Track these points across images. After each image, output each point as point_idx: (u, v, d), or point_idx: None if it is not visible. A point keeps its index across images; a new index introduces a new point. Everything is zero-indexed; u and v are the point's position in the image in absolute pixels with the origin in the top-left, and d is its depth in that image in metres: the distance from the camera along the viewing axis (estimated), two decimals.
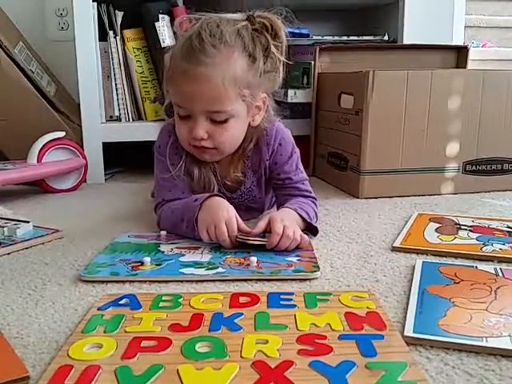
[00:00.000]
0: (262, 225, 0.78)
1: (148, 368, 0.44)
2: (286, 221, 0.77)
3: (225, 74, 0.77)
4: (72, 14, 1.32)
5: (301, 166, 0.94)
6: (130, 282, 0.66)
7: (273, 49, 0.82)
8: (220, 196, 0.83)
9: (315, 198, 0.92)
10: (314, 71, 1.39)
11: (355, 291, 0.62)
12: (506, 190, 1.21)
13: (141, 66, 1.42)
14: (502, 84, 1.19)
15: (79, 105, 1.36)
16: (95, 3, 1.32)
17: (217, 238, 0.77)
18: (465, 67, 1.42)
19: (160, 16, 1.38)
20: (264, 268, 0.69)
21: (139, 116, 1.45)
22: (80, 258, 0.76)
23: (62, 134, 1.28)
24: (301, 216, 0.83)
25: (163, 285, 0.66)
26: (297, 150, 0.93)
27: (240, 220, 0.79)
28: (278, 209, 0.94)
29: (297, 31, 1.52)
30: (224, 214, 0.77)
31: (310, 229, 0.85)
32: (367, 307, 0.57)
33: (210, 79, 0.77)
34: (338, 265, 0.73)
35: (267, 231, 0.78)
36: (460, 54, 1.45)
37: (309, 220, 0.84)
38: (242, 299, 0.59)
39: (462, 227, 0.89)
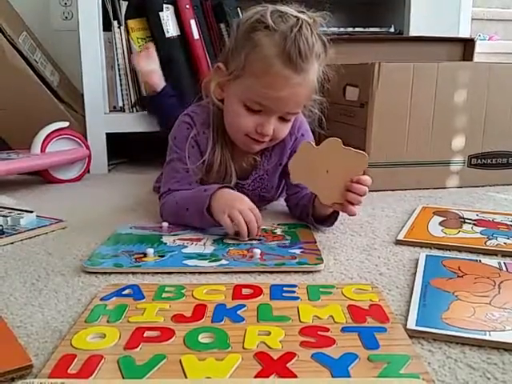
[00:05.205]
0: None
1: (151, 358, 0.44)
2: None
3: (314, 80, 0.81)
4: (76, 3, 1.32)
5: None
6: (133, 273, 0.66)
7: None
8: (230, 188, 0.83)
9: None
10: None
11: (358, 284, 0.62)
12: (511, 184, 1.20)
13: None
14: (509, 77, 1.18)
15: (83, 95, 1.36)
16: None
17: (241, 224, 0.75)
18: (471, 60, 1.41)
19: (164, 6, 1.38)
20: (268, 260, 0.69)
21: (143, 107, 1.45)
22: (83, 249, 0.76)
23: (65, 124, 1.28)
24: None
25: (166, 276, 0.66)
26: None
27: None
28: (286, 199, 0.95)
29: None
30: (243, 204, 0.77)
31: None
32: (370, 300, 0.56)
33: (305, 86, 0.79)
34: (341, 257, 0.73)
35: None
36: (466, 47, 1.44)
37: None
38: (244, 291, 0.59)
39: (467, 221, 0.88)
